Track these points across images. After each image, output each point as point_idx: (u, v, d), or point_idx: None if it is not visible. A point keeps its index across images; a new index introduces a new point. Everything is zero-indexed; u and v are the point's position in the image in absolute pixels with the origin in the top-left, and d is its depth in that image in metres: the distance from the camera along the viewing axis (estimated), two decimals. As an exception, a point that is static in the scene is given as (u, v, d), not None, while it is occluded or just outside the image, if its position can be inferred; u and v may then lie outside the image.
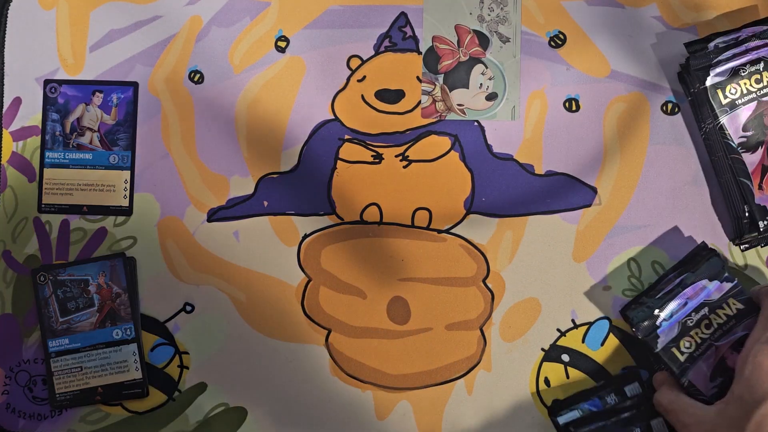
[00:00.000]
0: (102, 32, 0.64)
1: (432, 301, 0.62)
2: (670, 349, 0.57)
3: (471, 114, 0.63)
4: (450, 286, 0.62)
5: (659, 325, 0.57)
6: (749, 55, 0.60)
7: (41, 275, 0.62)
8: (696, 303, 0.57)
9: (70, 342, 0.62)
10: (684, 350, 0.57)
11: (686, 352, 0.57)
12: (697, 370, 0.57)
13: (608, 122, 0.63)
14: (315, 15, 0.64)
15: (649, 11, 0.63)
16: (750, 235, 0.60)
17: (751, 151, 0.60)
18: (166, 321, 0.63)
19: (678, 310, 0.57)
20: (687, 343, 0.57)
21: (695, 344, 0.57)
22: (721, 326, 0.57)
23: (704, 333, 0.57)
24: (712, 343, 0.57)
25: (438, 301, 0.62)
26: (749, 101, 0.60)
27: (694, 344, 0.57)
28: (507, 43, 0.64)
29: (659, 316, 0.58)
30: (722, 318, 0.57)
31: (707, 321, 0.57)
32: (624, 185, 0.62)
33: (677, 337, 0.57)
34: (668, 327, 0.57)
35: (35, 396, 0.62)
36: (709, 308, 0.57)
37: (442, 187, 0.63)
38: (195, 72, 0.64)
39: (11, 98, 0.64)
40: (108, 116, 0.64)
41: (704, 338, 0.57)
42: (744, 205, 0.60)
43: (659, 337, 0.57)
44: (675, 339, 0.57)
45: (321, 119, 0.63)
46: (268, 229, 0.63)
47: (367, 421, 0.62)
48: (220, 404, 0.62)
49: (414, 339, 0.62)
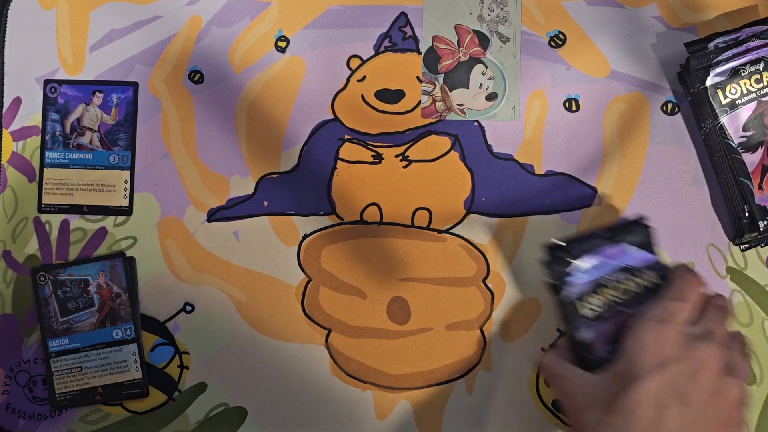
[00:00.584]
0: (102, 32, 0.64)
1: (432, 301, 0.62)
2: (574, 302, 0.55)
3: (471, 114, 0.63)
4: (450, 286, 0.62)
5: (572, 273, 0.55)
6: (749, 55, 0.60)
7: (41, 275, 0.62)
8: (616, 265, 0.55)
9: (70, 342, 0.62)
10: (589, 306, 0.55)
11: (592, 309, 0.55)
12: (595, 329, 0.54)
13: (608, 122, 0.63)
14: (315, 15, 0.64)
15: (649, 11, 0.63)
16: (750, 235, 0.60)
17: (751, 151, 0.60)
18: (166, 321, 0.63)
19: (593, 266, 0.55)
20: (596, 300, 0.55)
21: (601, 304, 0.55)
22: (635, 295, 0.55)
23: (613, 296, 0.55)
24: (621, 309, 0.55)
25: (438, 301, 0.62)
26: (749, 101, 0.60)
27: (600, 303, 0.55)
28: (507, 43, 0.64)
29: (576, 266, 0.55)
30: (638, 288, 0.55)
31: (620, 285, 0.55)
32: (624, 185, 0.62)
33: (588, 292, 0.55)
34: (581, 280, 0.55)
35: (35, 396, 0.62)
36: (628, 274, 0.55)
37: (442, 187, 0.63)
38: (195, 72, 0.64)
39: (11, 98, 0.64)
40: (108, 116, 0.64)
41: (615, 301, 0.55)
42: (744, 205, 0.60)
43: (568, 286, 0.55)
44: (584, 293, 0.55)
45: (321, 119, 0.63)
46: (268, 229, 0.63)
47: (367, 421, 0.62)
48: (220, 404, 0.62)
49: (414, 339, 0.62)
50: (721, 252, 0.62)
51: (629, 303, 0.55)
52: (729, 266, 0.62)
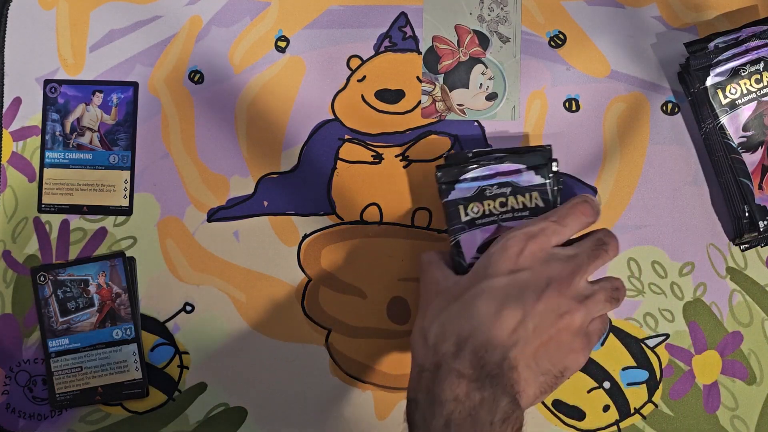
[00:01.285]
0: (102, 32, 0.64)
1: (432, 301, 0.62)
2: (458, 205, 0.57)
3: (471, 114, 0.63)
4: (450, 286, 0.62)
5: (460, 180, 0.57)
6: (749, 55, 0.60)
7: (41, 275, 0.62)
8: (503, 180, 0.57)
9: (70, 342, 0.62)
10: (469, 212, 0.57)
11: (470, 215, 0.57)
12: (471, 235, 0.57)
13: (608, 122, 0.63)
14: (315, 15, 0.64)
15: (649, 11, 0.63)
16: (750, 235, 0.60)
17: (752, 151, 0.60)
18: (166, 321, 0.63)
19: (485, 176, 0.57)
20: (476, 208, 0.57)
21: (482, 213, 0.57)
22: (514, 210, 0.57)
23: (495, 208, 0.57)
24: (497, 220, 0.57)
25: (438, 301, 0.62)
26: (749, 101, 0.60)
27: (482, 212, 0.57)
28: (507, 43, 0.63)
29: (465, 173, 0.57)
30: (519, 204, 0.57)
31: (504, 199, 0.57)
32: (624, 185, 0.62)
33: (470, 198, 0.57)
34: (467, 186, 0.57)
35: (35, 396, 0.62)
36: (513, 190, 0.57)
37: (442, 187, 0.63)
38: (195, 72, 0.64)
39: (11, 98, 0.64)
40: (108, 116, 0.64)
41: (493, 212, 0.57)
42: (744, 205, 0.60)
43: (453, 191, 0.57)
44: (467, 199, 0.57)
45: (321, 119, 0.63)
46: (268, 229, 0.63)
47: (367, 421, 0.62)
48: (220, 404, 0.62)
49: (414, 339, 0.62)
50: (721, 252, 0.62)
51: (506, 217, 0.57)
52: (729, 266, 0.62)
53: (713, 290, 0.62)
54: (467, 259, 0.56)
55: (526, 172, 0.57)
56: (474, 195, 0.57)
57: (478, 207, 0.57)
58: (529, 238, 0.53)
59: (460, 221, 0.57)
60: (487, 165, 0.58)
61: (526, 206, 0.57)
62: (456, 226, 0.57)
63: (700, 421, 0.61)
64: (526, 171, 0.57)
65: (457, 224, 0.57)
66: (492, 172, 0.57)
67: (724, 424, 0.61)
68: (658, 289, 0.62)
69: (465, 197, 0.57)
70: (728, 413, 0.61)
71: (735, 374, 0.62)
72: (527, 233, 0.53)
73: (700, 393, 0.62)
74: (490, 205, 0.57)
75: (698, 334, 0.62)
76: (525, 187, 0.57)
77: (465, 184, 0.57)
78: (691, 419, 0.61)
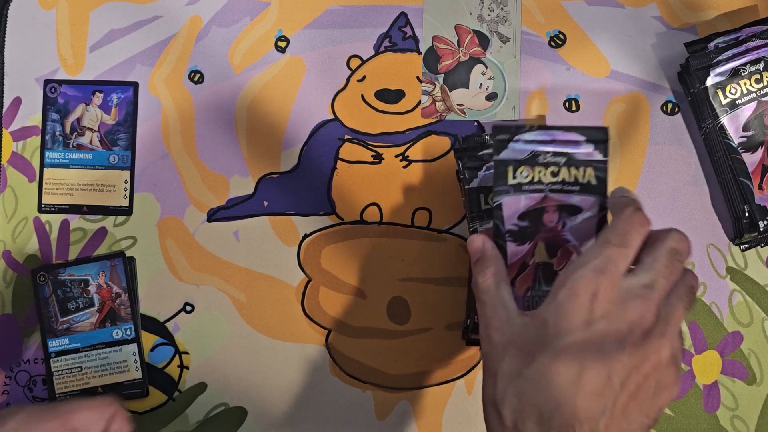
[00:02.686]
0: (102, 32, 0.64)
1: (432, 301, 0.62)
2: (507, 166, 0.52)
3: (471, 114, 0.63)
4: (450, 286, 0.62)
5: (515, 140, 0.53)
6: (749, 55, 0.60)
7: (41, 275, 0.62)
8: (559, 149, 0.52)
9: (70, 342, 0.62)
10: (518, 175, 0.52)
11: (518, 179, 0.52)
12: (515, 200, 0.52)
13: (608, 122, 0.63)
14: (315, 15, 0.64)
15: (649, 11, 0.63)
16: (750, 235, 0.60)
17: (752, 151, 0.60)
18: (166, 321, 0.63)
19: (541, 141, 0.52)
20: (525, 172, 0.52)
21: (531, 179, 0.52)
22: (564, 182, 0.52)
23: (546, 176, 0.52)
24: (545, 189, 0.52)
25: (438, 301, 0.62)
26: (749, 101, 0.60)
27: (530, 178, 0.52)
28: (507, 43, 0.63)
29: (522, 135, 0.53)
30: (571, 177, 0.52)
31: (556, 169, 0.52)
32: (624, 185, 0.62)
33: (521, 161, 0.52)
34: (521, 147, 0.52)
35: (35, 396, 0.62)
36: (568, 160, 0.52)
37: (442, 187, 0.63)
38: (195, 72, 0.64)
39: (11, 98, 0.64)
40: (108, 116, 0.64)
41: (542, 180, 0.52)
42: (744, 205, 0.60)
43: (505, 149, 0.53)
44: (518, 161, 0.52)
45: (321, 119, 0.63)
46: (268, 229, 0.63)
47: (367, 421, 0.62)
48: (220, 404, 0.62)
49: (414, 339, 0.62)
50: (721, 252, 0.62)
51: (555, 189, 0.52)
52: (729, 266, 0.62)
53: (713, 290, 0.62)
54: (506, 225, 0.52)
55: (585, 144, 0.52)
56: (526, 158, 0.52)
57: (528, 171, 0.52)
58: (599, 274, 0.46)
59: (506, 183, 0.52)
60: (543, 130, 0.53)
61: (578, 180, 0.52)
62: (501, 187, 0.52)
63: (700, 421, 0.61)
64: (585, 144, 0.52)
65: (503, 186, 0.52)
66: (549, 138, 0.52)
67: (724, 424, 0.61)
68: (658, 289, 0.62)
69: (516, 159, 0.52)
70: (728, 413, 0.61)
71: (735, 374, 0.62)
72: (595, 269, 0.46)
73: (700, 393, 0.62)
74: (540, 172, 0.52)
75: (698, 334, 0.62)
76: (581, 161, 0.52)
77: (519, 144, 0.52)
78: (691, 419, 0.61)
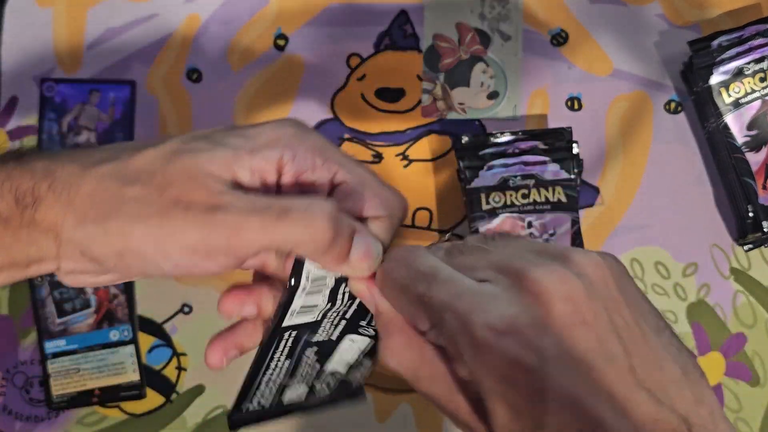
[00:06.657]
0: (99, 30, 0.64)
1: (432, 302, 0.62)
2: (480, 193, 0.57)
3: (472, 113, 0.63)
4: (451, 287, 0.62)
5: (483, 167, 0.57)
6: (753, 54, 0.59)
7: (38, 276, 0.61)
8: (528, 171, 0.57)
9: (67, 343, 0.61)
10: (491, 202, 0.56)
11: (492, 205, 0.56)
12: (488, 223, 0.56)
13: (611, 121, 0.62)
14: (314, 13, 0.64)
15: (652, 9, 0.63)
16: (754, 235, 0.60)
17: (755, 150, 0.60)
18: (164, 322, 0.62)
19: (508, 165, 0.57)
20: (497, 197, 0.56)
21: (503, 203, 0.56)
22: (536, 203, 0.56)
23: (518, 199, 0.56)
24: (519, 212, 0.57)
25: (439, 302, 0.62)
26: (753, 100, 0.59)
27: (503, 203, 0.56)
28: (508, 41, 0.63)
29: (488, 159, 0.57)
30: (542, 198, 0.56)
31: (526, 191, 0.56)
32: (627, 185, 0.62)
33: (492, 187, 0.57)
34: (490, 174, 0.57)
35: (32, 398, 0.62)
36: (536, 182, 0.57)
37: (443, 187, 0.62)
38: (193, 70, 0.63)
39: (7, 97, 0.63)
40: (105, 115, 0.63)
41: (515, 203, 0.56)
42: (748, 205, 0.59)
43: (477, 178, 0.57)
44: (489, 188, 0.57)
45: (320, 118, 0.63)
46: (267, 230, 0.62)
47: (367, 423, 0.61)
48: (218, 406, 0.62)
49: (414, 340, 0.62)
50: (724, 252, 0.62)
51: (528, 210, 0.56)
52: (733, 267, 0.62)
53: (717, 291, 0.62)
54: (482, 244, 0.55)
55: (551, 164, 0.57)
56: (497, 185, 0.57)
57: (500, 197, 0.57)
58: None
59: (481, 209, 0.57)
60: (513, 152, 0.57)
61: (548, 200, 0.56)
62: (477, 213, 0.57)
63: (703, 423, 0.61)
64: (551, 164, 0.57)
65: (479, 212, 0.57)
66: (516, 161, 0.57)
67: (728, 427, 0.61)
68: (662, 290, 0.62)
69: (488, 186, 0.57)
70: (732, 415, 0.61)
71: (739, 376, 0.61)
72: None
73: (703, 395, 0.61)
74: (512, 196, 0.57)
75: (702, 335, 0.62)
76: (549, 181, 0.57)
77: (489, 172, 0.57)
78: (694, 421, 0.61)
